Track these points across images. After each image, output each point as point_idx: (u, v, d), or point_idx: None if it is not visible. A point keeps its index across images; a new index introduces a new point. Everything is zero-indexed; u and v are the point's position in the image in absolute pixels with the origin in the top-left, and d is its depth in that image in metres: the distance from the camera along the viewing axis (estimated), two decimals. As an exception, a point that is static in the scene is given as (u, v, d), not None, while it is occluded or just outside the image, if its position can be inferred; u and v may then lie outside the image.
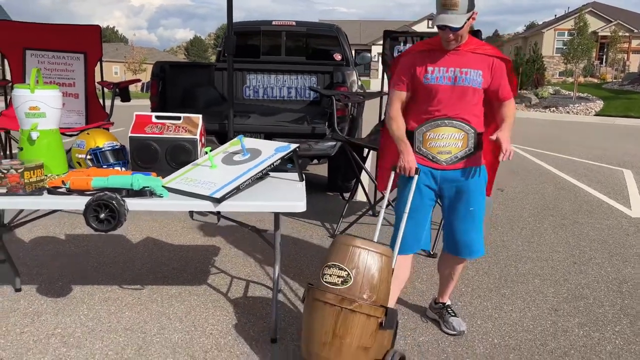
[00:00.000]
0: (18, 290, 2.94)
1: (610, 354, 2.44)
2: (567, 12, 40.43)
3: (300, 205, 2.27)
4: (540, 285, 3.20)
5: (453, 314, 2.63)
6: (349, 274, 2.04)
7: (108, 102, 4.82)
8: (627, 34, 33.74)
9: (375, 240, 2.20)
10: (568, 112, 19.36)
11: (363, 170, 4.29)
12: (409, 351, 2.42)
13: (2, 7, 27.74)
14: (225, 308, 2.80)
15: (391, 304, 2.44)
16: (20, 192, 2.32)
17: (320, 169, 6.46)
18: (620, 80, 27.61)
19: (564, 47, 26.01)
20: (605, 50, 34.43)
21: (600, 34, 34.12)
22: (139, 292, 2.96)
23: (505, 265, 3.54)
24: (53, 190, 2.34)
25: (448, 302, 2.70)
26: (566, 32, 32.53)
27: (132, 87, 4.97)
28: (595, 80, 29.66)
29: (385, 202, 2.50)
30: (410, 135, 2.41)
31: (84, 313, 2.71)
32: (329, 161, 5.16)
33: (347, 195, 4.86)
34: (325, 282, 2.06)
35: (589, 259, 3.69)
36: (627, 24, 34.50)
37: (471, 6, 2.23)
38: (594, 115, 18.70)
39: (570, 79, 25.14)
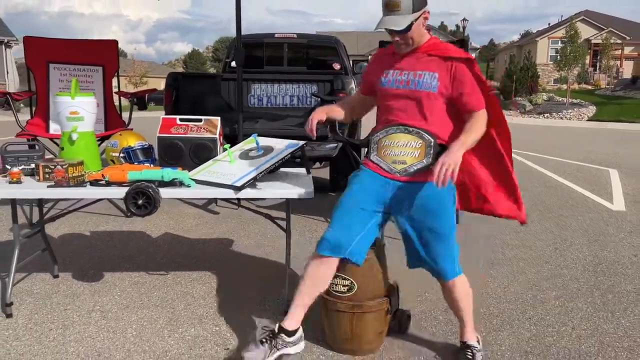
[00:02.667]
0: (56, 276, 3.29)
1: (581, 318, 2.79)
2: (560, 20, 41.12)
3: (309, 192, 2.63)
4: (524, 267, 3.56)
5: (471, 357, 2.25)
6: (352, 282, 2.34)
7: (124, 114, 5.20)
8: (619, 42, 34.36)
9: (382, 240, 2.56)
10: (561, 118, 19.81)
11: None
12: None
13: (4, 23, 28.20)
14: (242, 288, 3.15)
15: (295, 319, 2.25)
16: (65, 185, 2.69)
17: (322, 173, 6.82)
18: (612, 86, 28.13)
19: (557, 55, 26.59)
20: (598, 57, 35.05)
21: (593, 41, 34.74)
22: (164, 277, 3.32)
23: (493, 251, 3.90)
24: (95, 183, 2.70)
25: (468, 341, 2.32)
26: (559, 40, 33.12)
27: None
28: (589, 87, 30.20)
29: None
30: (368, 141, 2.33)
31: (117, 294, 3.06)
32: (331, 163, 5.53)
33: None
34: (334, 291, 2.39)
35: (569, 245, 4.06)
36: (619, 31, 35.12)
37: (418, 5, 2.09)
38: (587, 120, 19.15)
39: (565, 86, 25.66)
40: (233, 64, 6.27)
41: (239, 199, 2.71)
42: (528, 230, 4.46)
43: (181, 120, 3.07)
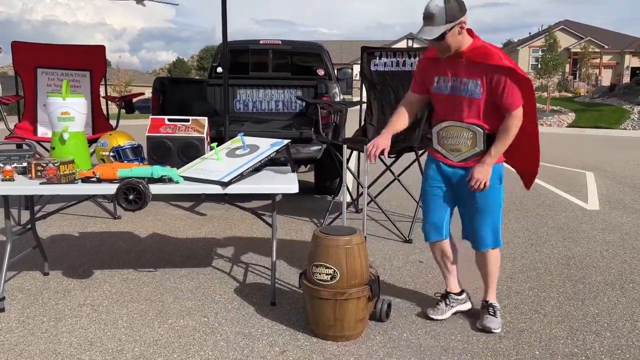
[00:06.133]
0: (46, 274, 3.36)
1: (553, 306, 2.94)
2: (540, 29, 41.91)
3: (294, 187, 2.75)
4: (501, 262, 3.70)
5: (492, 314, 2.68)
6: (335, 270, 2.48)
7: (112, 121, 5.28)
8: (598, 50, 35.14)
9: (364, 234, 2.70)
10: (542, 125, 20.18)
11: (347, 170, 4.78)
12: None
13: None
14: (230, 283, 3.25)
15: (454, 283, 2.88)
16: (56, 182, 2.77)
17: (307, 176, 6.95)
18: (591, 94, 28.74)
19: (537, 63, 27.14)
20: (578, 65, 35.79)
21: (572, 50, 35.50)
22: (153, 274, 3.40)
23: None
24: (86, 180, 2.79)
25: (490, 300, 2.76)
26: (540, 49, 33.76)
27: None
28: (569, 95, 30.80)
29: (365, 197, 2.99)
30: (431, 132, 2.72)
31: (107, 289, 3.14)
32: (316, 165, 5.66)
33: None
34: (317, 279, 2.52)
35: (544, 241, 4.22)
36: (598, 40, 35.93)
37: (451, 18, 2.30)
38: (567, 126, 19.56)
39: (546, 94, 26.17)
40: (219, 69, 6.39)
41: (226, 195, 2.82)
42: (506, 228, 4.61)
43: (169, 120, 3.18)
